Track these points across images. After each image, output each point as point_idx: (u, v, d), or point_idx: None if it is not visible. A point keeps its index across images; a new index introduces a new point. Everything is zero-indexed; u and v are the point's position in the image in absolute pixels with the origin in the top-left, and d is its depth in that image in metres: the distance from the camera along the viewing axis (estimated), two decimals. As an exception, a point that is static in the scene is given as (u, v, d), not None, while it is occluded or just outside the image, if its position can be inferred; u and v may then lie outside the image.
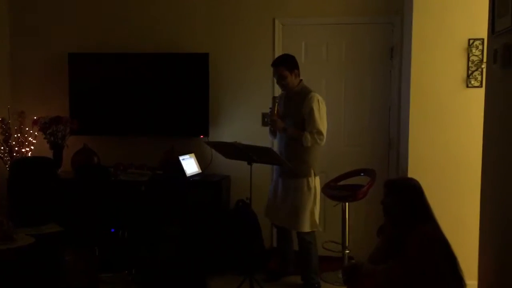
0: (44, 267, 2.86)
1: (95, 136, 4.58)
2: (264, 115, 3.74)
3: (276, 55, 4.48)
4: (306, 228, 3.74)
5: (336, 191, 4.07)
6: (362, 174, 4.15)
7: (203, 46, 4.52)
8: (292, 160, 3.60)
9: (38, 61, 4.76)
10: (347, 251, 4.07)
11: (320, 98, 3.72)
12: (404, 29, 4.17)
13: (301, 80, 3.83)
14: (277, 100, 3.78)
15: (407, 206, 2.64)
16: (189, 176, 4.19)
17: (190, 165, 4.31)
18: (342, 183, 4.17)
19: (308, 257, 3.84)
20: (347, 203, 4.05)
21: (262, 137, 4.23)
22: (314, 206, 3.74)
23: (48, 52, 4.73)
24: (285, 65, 3.72)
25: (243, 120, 4.50)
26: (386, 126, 4.47)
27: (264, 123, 4.36)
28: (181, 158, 4.24)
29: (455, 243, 2.63)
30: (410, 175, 3.73)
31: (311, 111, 3.63)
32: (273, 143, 4.09)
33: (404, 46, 4.18)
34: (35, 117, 4.45)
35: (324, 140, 3.68)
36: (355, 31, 4.46)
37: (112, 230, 4.09)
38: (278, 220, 3.90)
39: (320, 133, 3.63)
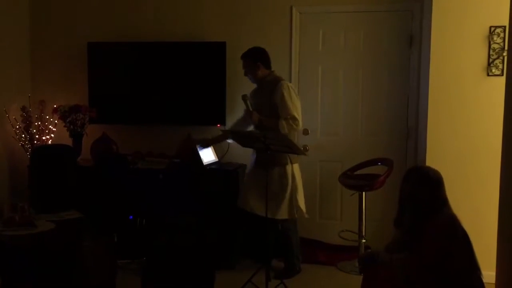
0: (64, 252, 2.92)
1: (114, 125, 4.62)
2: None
3: (294, 44, 4.47)
4: (284, 215, 3.77)
5: (353, 180, 4.06)
6: (379, 163, 4.12)
7: (220, 35, 4.51)
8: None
9: (58, 50, 4.81)
10: (364, 240, 4.07)
11: (290, 84, 3.79)
12: (424, 16, 4.10)
13: (272, 71, 3.89)
14: (247, 97, 3.83)
15: (435, 195, 2.60)
16: (206, 165, 4.22)
17: (207, 153, 4.33)
18: (358, 172, 4.16)
19: (288, 243, 3.89)
20: (363, 193, 4.04)
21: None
22: (296, 194, 3.77)
23: (68, 42, 4.78)
24: (248, 57, 3.84)
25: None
26: (404, 116, 4.42)
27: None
28: (198, 146, 4.26)
29: (474, 233, 2.60)
30: (428, 164, 3.69)
31: (282, 97, 3.68)
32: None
33: (423, 34, 4.11)
34: (55, 106, 4.52)
35: (300, 124, 3.71)
36: (374, 19, 4.40)
37: (131, 217, 4.16)
38: (257, 209, 3.74)
39: (294, 118, 3.67)
